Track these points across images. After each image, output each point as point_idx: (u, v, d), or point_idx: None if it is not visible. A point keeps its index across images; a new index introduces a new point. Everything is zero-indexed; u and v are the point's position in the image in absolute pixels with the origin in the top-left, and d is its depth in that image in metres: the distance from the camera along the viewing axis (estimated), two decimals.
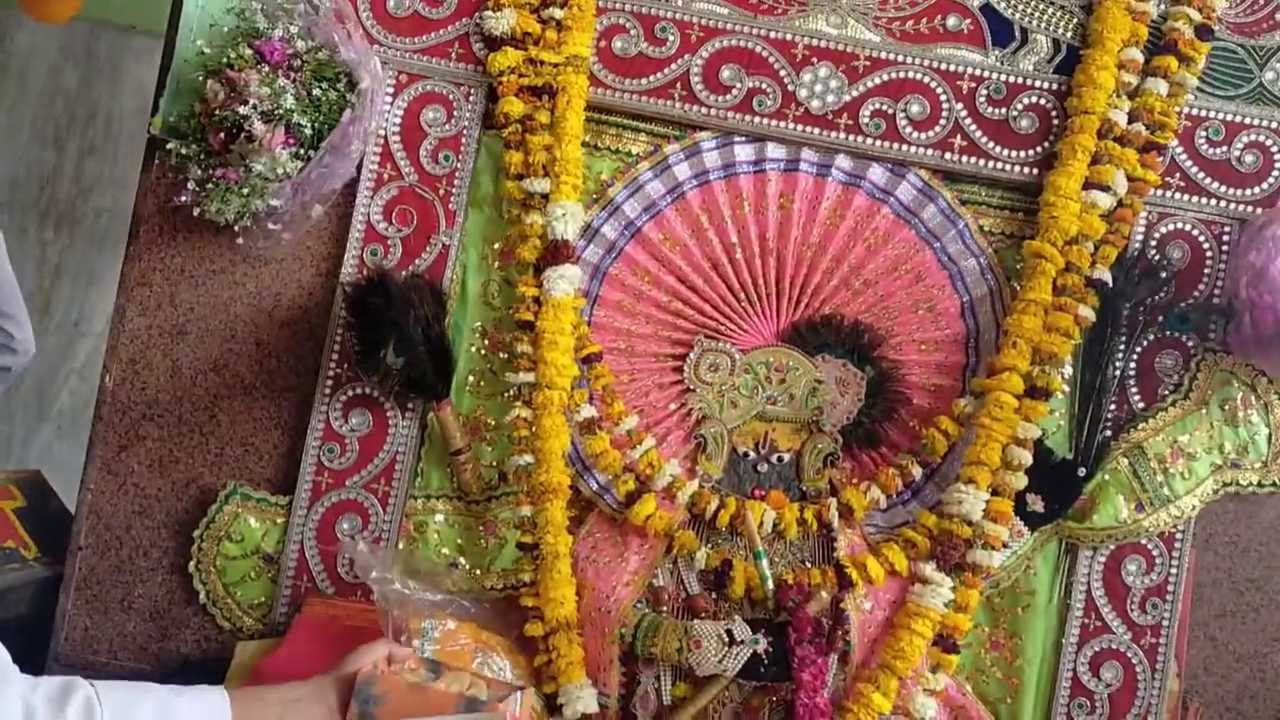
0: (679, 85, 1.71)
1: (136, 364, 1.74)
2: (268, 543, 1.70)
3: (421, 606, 1.50)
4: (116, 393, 1.74)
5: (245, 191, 1.60)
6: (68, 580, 1.74)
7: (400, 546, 1.70)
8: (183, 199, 1.65)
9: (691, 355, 1.70)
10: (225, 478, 1.73)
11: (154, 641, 1.73)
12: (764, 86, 1.71)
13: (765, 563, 1.59)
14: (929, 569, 1.61)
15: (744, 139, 1.73)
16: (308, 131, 1.61)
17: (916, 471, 1.67)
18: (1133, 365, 1.68)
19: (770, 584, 1.58)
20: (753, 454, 1.69)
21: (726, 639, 1.53)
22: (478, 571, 1.70)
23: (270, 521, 1.71)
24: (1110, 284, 1.64)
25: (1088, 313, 1.63)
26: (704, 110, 1.71)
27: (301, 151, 1.62)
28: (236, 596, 1.70)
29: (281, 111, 1.58)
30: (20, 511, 1.90)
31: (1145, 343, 1.68)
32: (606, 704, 1.59)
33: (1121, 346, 1.66)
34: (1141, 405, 1.68)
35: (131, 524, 1.74)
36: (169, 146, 1.68)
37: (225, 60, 1.62)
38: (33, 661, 1.68)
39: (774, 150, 1.72)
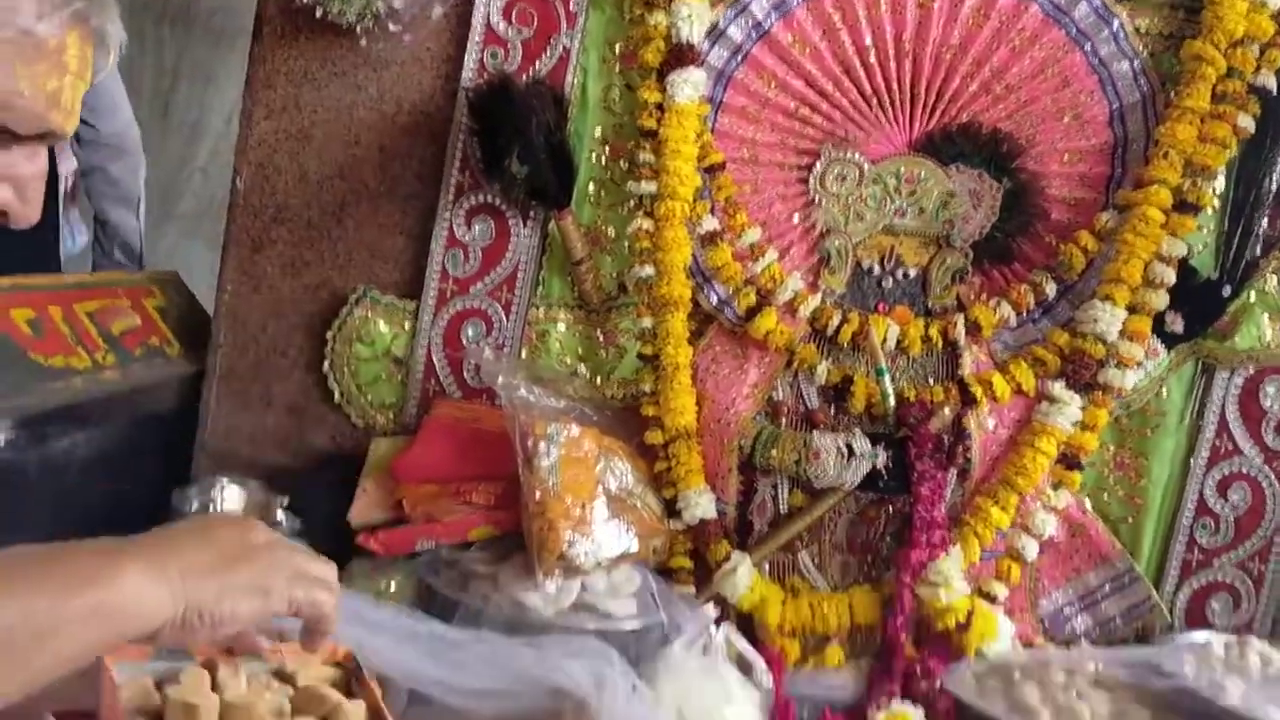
0: None
1: (265, 168, 1.76)
2: (397, 346, 1.75)
3: (546, 412, 1.54)
4: (248, 196, 1.77)
5: None
6: (210, 377, 1.82)
7: (523, 354, 1.73)
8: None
9: (818, 165, 1.65)
10: (354, 281, 1.76)
11: (293, 437, 1.81)
12: None
13: (888, 379, 1.57)
14: (1057, 387, 1.58)
15: None
16: None
17: (1050, 289, 1.62)
18: None
19: (892, 400, 1.57)
20: (878, 268, 1.66)
21: (846, 452, 1.54)
22: (598, 380, 1.73)
23: (399, 326, 1.75)
24: (1274, 91, 1.52)
25: (1247, 122, 1.53)
26: None
27: None
28: (369, 397, 1.77)
29: None
30: (161, 310, 1.98)
31: None
32: (724, 510, 1.63)
33: None
34: None
35: (267, 324, 1.79)
36: None
37: None
38: (183, 452, 1.80)
39: None
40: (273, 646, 1.02)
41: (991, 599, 1.59)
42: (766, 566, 1.62)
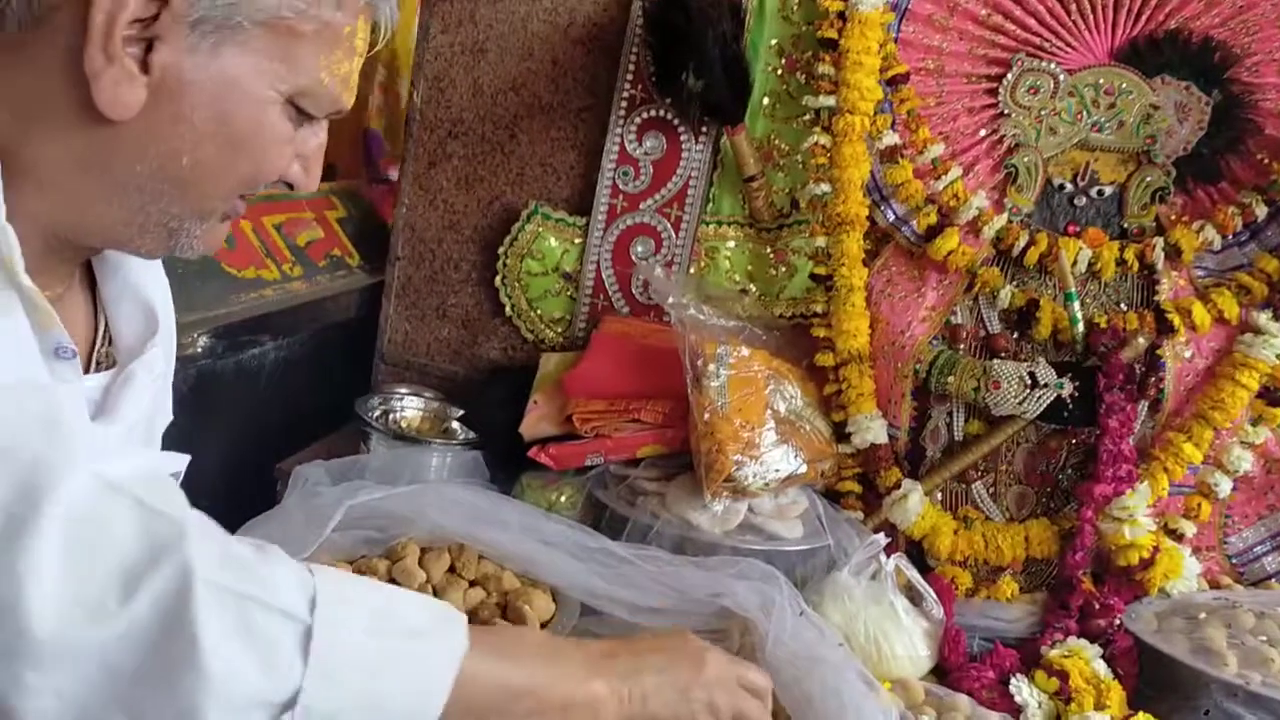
0: None
1: (441, 82, 1.77)
2: (566, 262, 1.76)
3: (716, 332, 1.53)
4: (424, 110, 1.79)
5: None
6: (388, 288, 1.88)
7: (691, 271, 1.72)
8: None
9: (1009, 76, 1.55)
10: (526, 197, 1.77)
11: (466, 347, 1.86)
12: None
13: (1077, 304, 1.49)
14: (1263, 318, 1.48)
15: None
16: None
17: (1260, 210, 1.50)
18: None
19: (1081, 327, 1.49)
20: (1070, 186, 1.57)
21: (1028, 381, 1.48)
22: (767, 299, 1.70)
23: (569, 241, 1.76)
24: None
25: None
26: None
27: None
28: (539, 311, 1.79)
29: None
30: (342, 221, 2.04)
31: None
32: (895, 436, 1.59)
33: None
34: None
35: (442, 238, 1.83)
36: None
37: None
38: (363, 359, 1.87)
39: None
40: None
41: (1178, 537, 1.52)
42: (938, 495, 1.58)
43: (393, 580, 1.18)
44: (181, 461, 0.96)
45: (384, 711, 0.69)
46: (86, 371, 0.85)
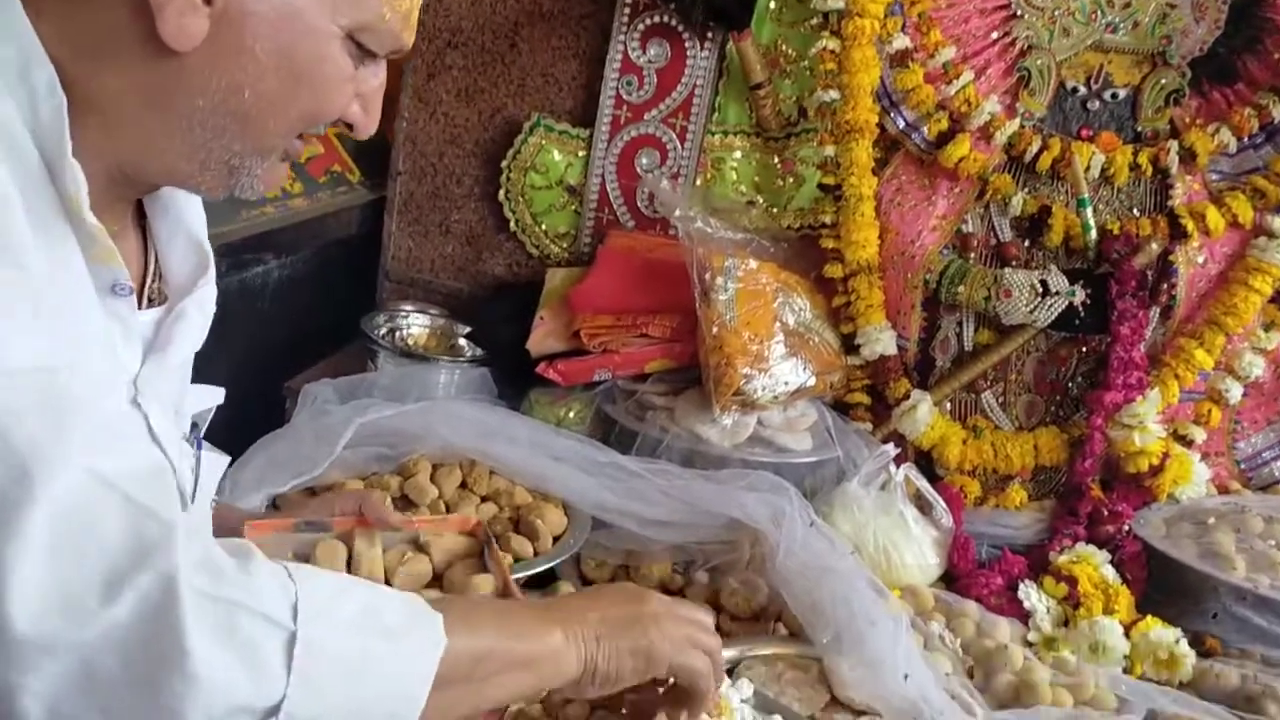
0: None
1: None
2: (571, 175, 1.73)
3: (724, 245, 1.51)
4: (421, 19, 1.74)
5: None
6: (390, 204, 1.85)
7: (697, 183, 1.69)
8: None
9: None
10: (528, 109, 1.74)
11: (470, 263, 1.84)
12: None
13: (1090, 210, 1.47)
14: (1277, 222, 1.46)
15: None
16: None
17: (1277, 112, 1.47)
18: None
19: (1094, 233, 1.47)
20: (1083, 89, 1.53)
21: (1040, 289, 1.46)
22: (774, 210, 1.68)
23: (572, 154, 1.73)
24: None
25: None
26: None
27: None
28: (543, 226, 1.77)
29: None
30: (341, 136, 2.00)
31: None
32: (905, 347, 1.58)
33: None
34: None
35: (444, 152, 1.80)
36: None
37: None
38: (367, 276, 1.85)
39: None
40: (405, 518, 1.08)
41: (1188, 443, 1.52)
42: (948, 405, 1.58)
43: (404, 496, 1.19)
44: (217, 395, 0.96)
45: (366, 716, 0.70)
46: (139, 308, 0.84)
